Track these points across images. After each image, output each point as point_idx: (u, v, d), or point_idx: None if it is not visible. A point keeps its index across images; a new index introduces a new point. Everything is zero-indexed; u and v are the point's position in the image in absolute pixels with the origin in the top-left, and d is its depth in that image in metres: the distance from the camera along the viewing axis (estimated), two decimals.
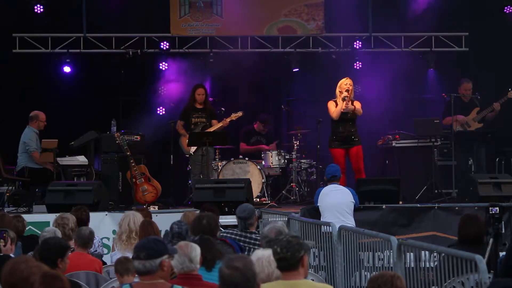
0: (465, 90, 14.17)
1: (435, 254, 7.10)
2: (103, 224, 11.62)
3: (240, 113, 13.97)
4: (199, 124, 13.83)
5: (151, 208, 12.34)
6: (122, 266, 6.73)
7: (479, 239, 7.87)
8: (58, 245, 6.26)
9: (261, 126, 15.47)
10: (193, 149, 13.75)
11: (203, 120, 13.85)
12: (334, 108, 12.64)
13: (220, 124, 13.75)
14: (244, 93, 16.12)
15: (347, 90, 12.59)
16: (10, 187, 13.36)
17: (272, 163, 14.55)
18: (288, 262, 5.29)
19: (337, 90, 12.71)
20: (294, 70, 16.53)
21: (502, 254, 7.19)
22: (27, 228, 9.61)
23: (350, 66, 16.10)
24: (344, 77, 12.94)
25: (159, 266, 5.24)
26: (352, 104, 12.68)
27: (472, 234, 7.88)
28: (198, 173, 13.68)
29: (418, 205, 11.91)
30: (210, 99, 14.58)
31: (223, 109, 14.53)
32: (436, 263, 6.65)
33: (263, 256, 5.43)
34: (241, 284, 4.60)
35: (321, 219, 10.45)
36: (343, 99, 12.54)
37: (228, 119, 13.83)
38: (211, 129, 13.78)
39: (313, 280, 7.80)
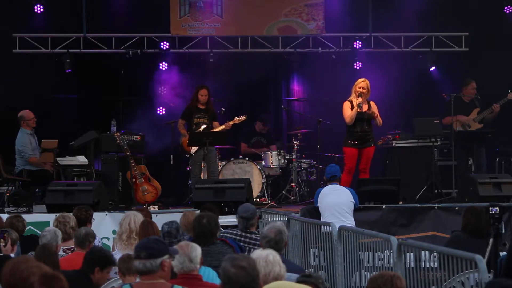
0: (472, 89, 14.13)
1: (435, 254, 7.10)
2: (103, 224, 11.63)
3: (243, 117, 13.90)
4: (201, 125, 13.79)
5: (151, 208, 12.34)
6: (124, 265, 6.73)
7: (484, 232, 7.92)
8: (102, 254, 6.52)
9: (261, 125, 15.49)
10: (193, 149, 13.70)
11: (204, 121, 13.78)
12: (350, 112, 12.51)
13: (223, 127, 13.70)
14: (244, 93, 16.14)
15: (360, 95, 12.47)
16: (10, 187, 13.36)
17: (272, 163, 14.56)
18: None
19: (353, 90, 12.61)
20: (294, 70, 16.53)
21: (502, 254, 7.20)
22: (27, 228, 9.62)
23: (350, 66, 16.11)
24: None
25: (159, 266, 5.23)
26: (369, 104, 12.61)
27: (479, 225, 7.95)
28: (199, 173, 13.65)
29: (418, 205, 11.90)
30: (211, 99, 14.56)
31: (223, 109, 14.53)
32: (436, 264, 6.65)
33: (260, 256, 5.42)
34: (247, 283, 4.60)
35: (321, 219, 10.45)
36: (359, 106, 12.43)
37: (231, 123, 13.77)
38: (218, 129, 13.69)
39: None
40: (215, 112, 14.00)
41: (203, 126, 13.62)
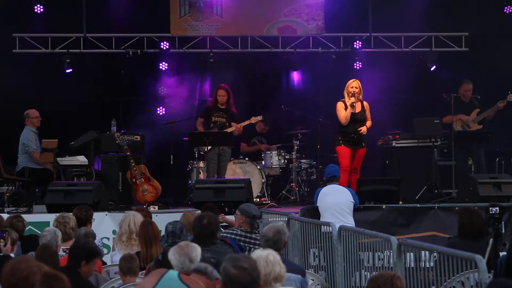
0: (464, 91, 14.15)
1: (435, 254, 7.10)
2: (103, 224, 11.64)
3: (260, 117, 14.02)
4: (218, 124, 13.80)
5: (151, 208, 12.35)
6: (125, 265, 6.73)
7: (480, 232, 7.91)
8: (87, 247, 6.47)
9: (262, 125, 15.49)
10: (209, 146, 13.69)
11: (222, 120, 13.81)
12: (344, 112, 12.53)
13: (233, 129, 13.72)
14: (244, 93, 16.13)
15: (353, 95, 12.49)
16: (10, 187, 13.36)
17: (272, 163, 14.58)
18: None
19: (345, 91, 12.64)
20: (294, 70, 16.53)
21: (502, 254, 7.20)
22: (27, 228, 9.62)
23: (350, 66, 16.10)
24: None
25: (214, 279, 5.21)
26: (362, 105, 12.63)
27: (473, 226, 7.94)
28: (212, 171, 13.62)
29: (418, 205, 11.91)
30: (209, 98, 14.55)
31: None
32: (432, 263, 6.65)
33: (260, 256, 5.42)
34: (248, 284, 4.59)
35: (321, 219, 10.45)
36: (352, 106, 12.46)
37: (246, 123, 13.82)
38: (228, 130, 13.71)
39: (313, 280, 7.83)
40: (234, 112, 13.98)
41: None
